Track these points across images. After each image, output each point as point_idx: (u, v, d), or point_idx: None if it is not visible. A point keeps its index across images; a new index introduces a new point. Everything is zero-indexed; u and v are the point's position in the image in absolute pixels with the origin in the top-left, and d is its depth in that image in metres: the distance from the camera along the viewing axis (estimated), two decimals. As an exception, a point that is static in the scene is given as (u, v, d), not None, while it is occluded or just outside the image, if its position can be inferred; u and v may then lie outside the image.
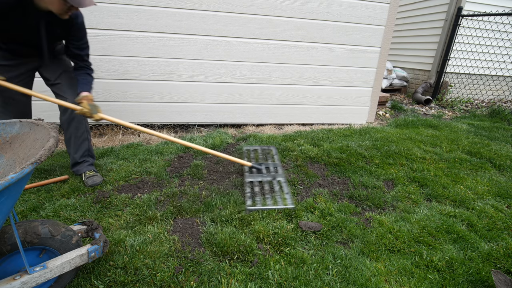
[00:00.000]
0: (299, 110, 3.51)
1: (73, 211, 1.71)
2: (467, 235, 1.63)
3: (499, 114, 4.20)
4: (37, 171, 2.15)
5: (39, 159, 0.86)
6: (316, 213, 1.78)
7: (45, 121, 1.13)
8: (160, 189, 2.00)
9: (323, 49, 3.25)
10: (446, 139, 3.16)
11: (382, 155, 2.65)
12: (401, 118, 3.96)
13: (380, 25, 3.28)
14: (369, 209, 1.88)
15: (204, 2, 2.79)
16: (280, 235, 1.56)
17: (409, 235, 1.62)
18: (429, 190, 2.10)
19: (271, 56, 3.15)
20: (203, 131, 3.28)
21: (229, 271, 1.33)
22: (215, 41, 2.95)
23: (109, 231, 1.57)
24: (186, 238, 1.55)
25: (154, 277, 1.28)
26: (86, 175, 2.03)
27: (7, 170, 1.03)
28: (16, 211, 1.68)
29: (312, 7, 3.04)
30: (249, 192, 1.93)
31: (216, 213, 1.72)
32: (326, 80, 3.41)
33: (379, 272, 1.36)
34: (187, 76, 3.03)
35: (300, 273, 1.33)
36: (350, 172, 2.30)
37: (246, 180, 2.05)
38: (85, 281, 1.25)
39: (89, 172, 2.04)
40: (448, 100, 5.12)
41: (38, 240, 1.07)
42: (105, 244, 1.24)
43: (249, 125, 3.47)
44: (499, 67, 5.24)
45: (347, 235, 1.61)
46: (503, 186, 2.20)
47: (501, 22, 4.80)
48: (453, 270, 1.40)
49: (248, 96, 3.28)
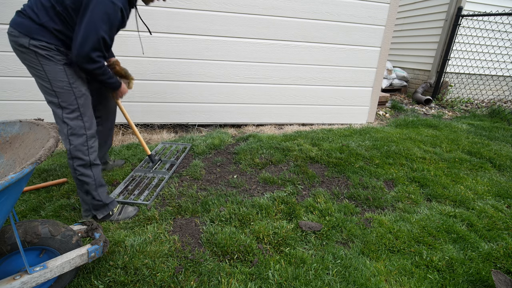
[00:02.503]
0: (299, 110, 3.51)
1: (73, 211, 1.71)
2: (467, 235, 1.63)
3: (499, 114, 4.20)
4: (37, 171, 2.15)
5: (39, 159, 0.86)
6: (316, 213, 1.78)
7: (45, 121, 1.13)
8: (160, 189, 2.00)
9: (323, 49, 3.25)
10: (446, 139, 3.16)
11: (382, 155, 2.65)
12: (401, 118, 3.96)
13: (380, 25, 3.28)
14: (369, 209, 1.88)
15: (204, 2, 2.79)
16: (280, 235, 1.56)
17: (409, 235, 1.62)
18: (429, 190, 2.10)
19: (271, 56, 3.15)
20: (203, 131, 3.28)
21: (229, 271, 1.33)
22: (215, 41, 2.95)
23: (109, 231, 1.57)
24: (186, 238, 1.55)
25: (154, 277, 1.28)
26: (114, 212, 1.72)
27: (7, 170, 1.03)
28: (16, 211, 1.68)
29: (312, 7, 3.04)
30: (124, 184, 2.02)
31: (215, 213, 1.72)
32: (326, 80, 3.41)
33: (379, 272, 1.36)
34: (187, 76, 3.03)
35: (300, 273, 1.33)
36: (350, 172, 2.30)
37: (132, 173, 2.15)
38: (85, 281, 1.25)
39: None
40: (448, 100, 5.12)
41: (38, 240, 1.07)
42: (105, 244, 1.24)
43: (249, 125, 3.47)
44: (499, 67, 5.24)
45: (347, 235, 1.61)
46: (503, 186, 2.19)
47: (501, 22, 4.80)
48: (453, 270, 1.40)
49: (248, 96, 3.28)
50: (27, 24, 1.32)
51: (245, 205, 1.82)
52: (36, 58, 1.35)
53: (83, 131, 1.48)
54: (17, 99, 2.76)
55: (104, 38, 1.35)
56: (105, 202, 1.61)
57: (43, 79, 1.39)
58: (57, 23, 1.34)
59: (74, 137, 1.46)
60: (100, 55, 1.39)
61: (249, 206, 1.80)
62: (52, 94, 1.40)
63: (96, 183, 1.56)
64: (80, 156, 1.48)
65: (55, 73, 1.38)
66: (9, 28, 1.35)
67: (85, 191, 1.55)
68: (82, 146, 1.48)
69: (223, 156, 2.54)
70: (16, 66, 2.64)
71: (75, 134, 1.46)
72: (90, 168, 1.53)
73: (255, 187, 2.08)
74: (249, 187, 2.06)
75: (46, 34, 1.34)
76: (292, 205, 1.83)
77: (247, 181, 2.14)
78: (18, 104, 2.78)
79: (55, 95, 1.40)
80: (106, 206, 1.62)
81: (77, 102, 1.45)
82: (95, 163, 1.56)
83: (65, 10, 1.32)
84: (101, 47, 1.37)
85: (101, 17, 1.31)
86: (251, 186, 2.08)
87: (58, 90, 1.40)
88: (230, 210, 1.75)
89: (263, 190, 2.03)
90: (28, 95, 2.76)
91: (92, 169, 1.54)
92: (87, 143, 1.50)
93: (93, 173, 1.55)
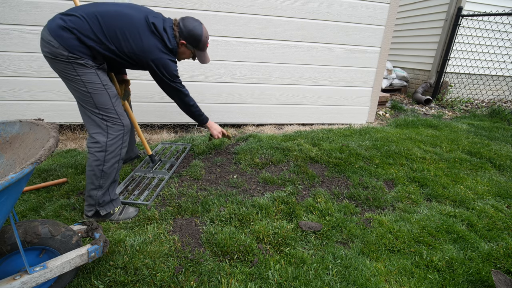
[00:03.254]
0: (299, 110, 3.51)
1: (73, 211, 1.71)
2: (467, 235, 1.63)
3: (499, 114, 4.20)
4: (37, 171, 2.15)
5: (39, 159, 0.86)
6: (316, 213, 1.78)
7: (45, 121, 1.13)
8: (160, 189, 2.00)
9: (323, 49, 3.25)
10: (446, 139, 3.16)
11: (382, 155, 2.65)
12: (401, 118, 3.96)
13: (380, 25, 3.28)
14: (369, 209, 1.88)
15: (204, 2, 2.79)
16: (280, 235, 1.56)
17: (409, 235, 1.62)
18: (429, 190, 2.10)
19: (271, 56, 3.15)
20: (203, 131, 3.28)
21: (229, 271, 1.33)
22: (215, 41, 2.95)
23: (109, 231, 1.57)
24: (186, 238, 1.55)
25: (154, 277, 1.28)
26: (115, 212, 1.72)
27: (7, 170, 1.03)
28: (16, 211, 1.68)
29: (312, 7, 3.04)
30: (124, 184, 2.02)
31: (215, 213, 1.72)
32: (326, 80, 3.41)
33: (379, 272, 1.36)
34: (187, 76, 3.03)
35: (300, 273, 1.33)
36: (350, 172, 2.30)
37: (132, 173, 2.16)
38: (85, 281, 1.25)
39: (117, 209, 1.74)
40: (448, 100, 5.12)
41: (38, 240, 1.07)
42: (105, 244, 1.24)
43: (249, 125, 3.47)
44: (499, 67, 5.24)
45: (347, 235, 1.61)
46: (503, 186, 2.19)
47: (501, 22, 4.80)
48: (453, 270, 1.40)
49: (248, 96, 3.28)
50: (72, 43, 1.39)
51: (245, 205, 1.82)
52: (71, 66, 1.43)
53: (121, 126, 1.57)
54: (17, 99, 2.76)
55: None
56: (112, 198, 1.65)
57: (77, 83, 1.46)
58: (102, 50, 1.47)
59: (112, 130, 1.55)
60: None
61: (249, 206, 1.80)
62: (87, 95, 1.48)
63: (116, 178, 1.64)
64: (114, 150, 1.56)
65: (89, 77, 1.47)
66: (46, 35, 1.38)
67: (98, 186, 1.57)
68: (119, 140, 1.58)
69: (223, 156, 2.54)
70: (16, 66, 2.64)
71: (112, 127, 1.55)
72: (118, 162, 1.61)
73: (255, 187, 2.08)
74: (249, 187, 2.06)
75: (87, 53, 1.44)
76: (292, 205, 1.83)
77: (247, 181, 2.14)
78: (18, 104, 2.78)
79: (90, 96, 1.48)
80: (111, 202, 1.65)
81: (111, 101, 1.54)
82: (122, 157, 1.64)
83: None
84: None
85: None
86: (251, 186, 2.08)
87: (92, 92, 1.49)
88: (230, 210, 1.75)
89: (263, 190, 2.03)
90: (28, 95, 2.76)
91: (119, 163, 1.62)
92: (123, 138, 1.59)
93: (117, 168, 1.62)
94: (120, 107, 1.60)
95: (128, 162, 2.34)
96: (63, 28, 1.36)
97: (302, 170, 2.30)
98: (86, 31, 1.40)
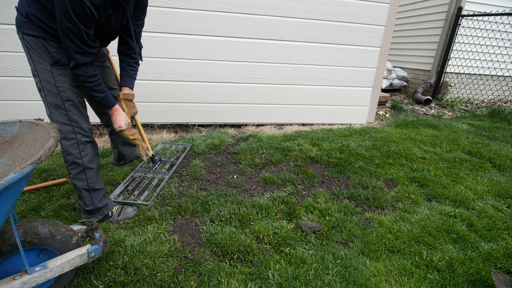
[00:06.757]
0: (299, 110, 3.51)
1: (73, 211, 1.71)
2: (467, 235, 1.63)
3: (499, 114, 4.20)
4: (37, 171, 2.15)
5: (39, 159, 0.86)
6: (316, 213, 1.78)
7: (45, 121, 1.13)
8: (160, 189, 2.00)
9: (323, 49, 3.25)
10: (446, 139, 3.16)
11: (382, 155, 2.65)
12: (401, 118, 3.96)
13: (380, 25, 3.28)
14: (369, 209, 1.88)
15: (204, 2, 2.79)
16: (280, 235, 1.56)
17: (409, 235, 1.62)
18: (429, 190, 2.10)
19: (271, 56, 3.15)
20: (203, 131, 3.28)
21: (229, 271, 1.33)
22: (215, 41, 2.95)
23: (109, 231, 1.57)
24: (186, 238, 1.55)
25: (154, 277, 1.28)
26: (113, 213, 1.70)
27: (7, 170, 1.03)
28: (16, 211, 1.68)
29: (312, 7, 3.04)
30: (124, 184, 2.01)
31: (215, 213, 1.72)
32: (326, 80, 3.41)
33: (379, 272, 1.36)
34: (187, 76, 3.03)
35: (300, 273, 1.33)
36: (350, 172, 2.30)
37: (132, 174, 2.15)
38: (85, 281, 1.25)
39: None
40: (448, 100, 5.12)
41: (38, 240, 1.07)
42: (105, 244, 1.24)
43: (249, 125, 3.47)
44: (499, 67, 5.24)
45: (347, 235, 1.61)
46: (503, 186, 2.19)
47: (501, 22, 4.80)
48: (453, 270, 1.40)
49: (248, 96, 3.28)
50: (17, 19, 1.29)
51: (245, 205, 1.82)
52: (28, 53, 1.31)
53: (72, 135, 1.45)
54: (17, 99, 2.76)
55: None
56: (97, 206, 1.59)
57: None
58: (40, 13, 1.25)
59: (64, 140, 1.44)
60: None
61: (249, 206, 1.80)
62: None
63: (89, 187, 1.54)
64: (73, 160, 1.48)
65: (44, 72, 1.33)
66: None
67: (77, 195, 1.56)
68: (74, 149, 1.46)
69: (223, 156, 2.54)
70: (16, 66, 2.64)
71: (64, 138, 1.44)
72: (84, 172, 1.52)
73: (255, 187, 2.08)
74: (249, 187, 2.06)
75: (31, 27, 1.26)
76: (292, 205, 1.83)
77: (247, 181, 2.14)
78: (18, 104, 2.78)
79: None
80: (98, 210, 1.61)
81: (64, 105, 1.40)
82: (89, 166, 1.53)
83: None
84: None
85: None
86: (251, 186, 2.08)
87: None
88: (230, 210, 1.75)
89: (263, 190, 2.03)
90: (28, 95, 2.76)
91: (86, 172, 1.53)
92: (79, 146, 1.48)
93: (86, 177, 1.53)
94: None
95: (128, 162, 2.34)
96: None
97: (302, 170, 2.30)
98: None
